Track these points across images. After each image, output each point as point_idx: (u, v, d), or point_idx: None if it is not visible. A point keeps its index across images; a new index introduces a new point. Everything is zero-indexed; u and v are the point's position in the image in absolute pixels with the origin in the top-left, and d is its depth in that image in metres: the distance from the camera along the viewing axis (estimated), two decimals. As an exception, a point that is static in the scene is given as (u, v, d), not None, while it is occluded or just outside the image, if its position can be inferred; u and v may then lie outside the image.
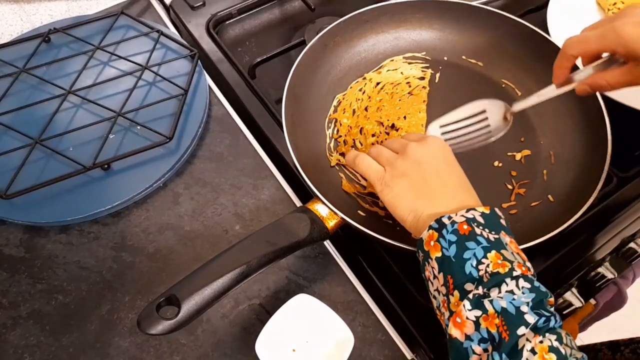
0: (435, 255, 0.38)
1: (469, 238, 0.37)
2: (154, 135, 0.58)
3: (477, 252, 0.37)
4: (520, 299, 0.34)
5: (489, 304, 0.34)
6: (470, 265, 0.36)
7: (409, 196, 0.43)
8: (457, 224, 0.38)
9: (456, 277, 0.37)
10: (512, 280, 0.35)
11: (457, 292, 0.36)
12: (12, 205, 0.53)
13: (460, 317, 0.35)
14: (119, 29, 0.68)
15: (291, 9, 0.77)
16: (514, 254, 0.37)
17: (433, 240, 0.39)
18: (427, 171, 0.43)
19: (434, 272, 0.39)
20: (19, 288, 0.52)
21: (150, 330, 0.37)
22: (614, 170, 0.58)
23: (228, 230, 0.55)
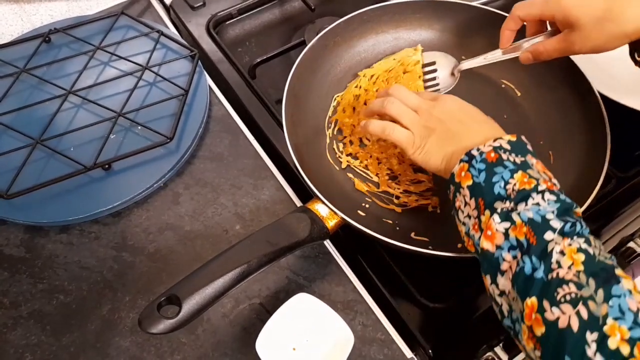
0: (466, 184, 0.41)
1: (496, 164, 0.40)
2: (155, 135, 0.58)
3: (504, 174, 0.39)
4: (546, 209, 0.36)
5: (517, 216, 0.36)
6: (499, 186, 0.39)
7: (438, 147, 0.45)
8: (485, 153, 0.40)
9: (486, 198, 0.39)
10: (537, 194, 0.37)
11: (487, 211, 0.39)
12: (13, 205, 0.54)
13: (491, 230, 0.38)
14: (119, 29, 0.68)
15: (291, 9, 0.77)
16: (540, 172, 0.40)
17: (464, 171, 0.41)
18: (450, 122, 0.45)
19: (465, 199, 0.41)
20: (20, 288, 0.52)
21: (151, 329, 0.37)
22: (613, 170, 0.58)
23: (228, 230, 0.55)
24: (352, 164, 0.58)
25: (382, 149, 0.58)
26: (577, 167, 0.55)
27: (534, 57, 0.51)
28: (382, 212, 0.55)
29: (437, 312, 0.50)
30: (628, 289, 0.32)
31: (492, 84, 0.63)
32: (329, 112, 0.61)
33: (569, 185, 0.54)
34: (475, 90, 0.62)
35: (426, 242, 0.51)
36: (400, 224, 0.54)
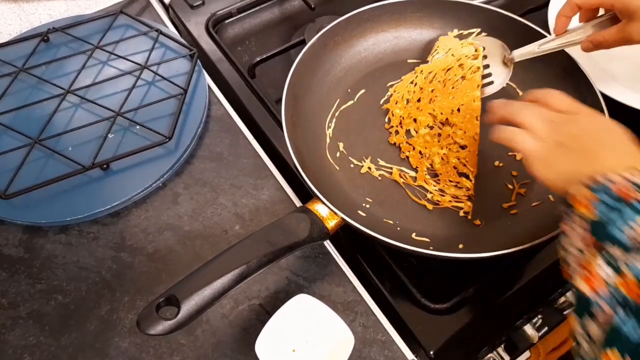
0: (580, 212, 0.35)
1: (623, 201, 0.34)
2: (153, 135, 0.58)
3: (628, 216, 0.33)
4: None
5: (626, 267, 0.31)
6: (619, 229, 0.33)
7: (565, 165, 0.40)
8: (613, 184, 0.35)
9: (600, 237, 0.34)
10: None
11: (595, 250, 0.34)
12: (11, 205, 0.53)
13: (591, 272, 0.33)
14: (118, 28, 0.68)
15: (291, 8, 0.77)
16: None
17: (582, 197, 0.36)
18: (585, 140, 0.40)
19: (574, 227, 0.36)
20: (19, 288, 0.51)
21: (150, 330, 0.37)
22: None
23: (228, 230, 0.55)
24: (374, 173, 0.57)
25: (427, 144, 0.58)
26: (579, 167, 0.55)
27: (594, 46, 0.50)
28: (382, 212, 0.54)
29: (438, 312, 0.50)
30: None
31: (493, 83, 0.63)
32: (329, 113, 0.61)
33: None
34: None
35: (427, 243, 0.51)
36: (401, 224, 0.53)
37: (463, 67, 0.59)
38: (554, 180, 0.40)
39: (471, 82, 0.58)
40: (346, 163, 0.58)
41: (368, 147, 0.59)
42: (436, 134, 0.58)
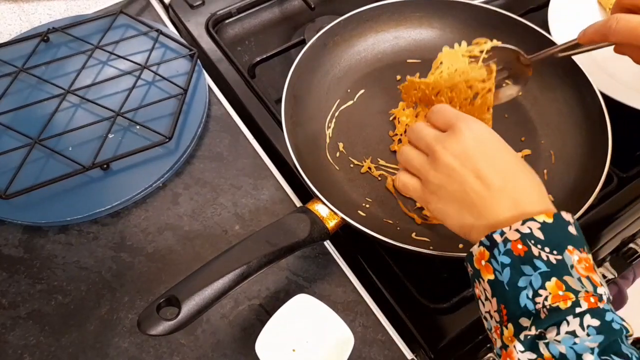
0: (487, 278, 0.33)
1: (524, 260, 0.31)
2: (153, 135, 0.58)
3: (533, 279, 0.31)
4: (584, 344, 0.29)
5: (545, 348, 0.29)
6: (526, 296, 0.31)
7: (453, 209, 0.37)
8: (510, 243, 0.32)
9: (510, 307, 0.32)
10: (574, 318, 0.29)
11: (511, 325, 0.31)
12: (11, 205, 0.53)
13: (511, 357, 0.31)
14: (118, 28, 0.68)
15: (291, 8, 0.77)
16: (582, 279, 0.31)
17: (484, 259, 0.34)
18: (463, 177, 0.36)
19: (485, 294, 0.34)
20: (18, 288, 0.51)
21: (151, 331, 0.37)
22: (614, 170, 0.58)
23: (228, 230, 0.55)
24: (375, 173, 0.57)
25: None
26: (579, 167, 0.55)
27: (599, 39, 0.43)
28: (382, 212, 0.54)
29: (438, 312, 0.50)
30: None
31: (492, 84, 0.63)
32: (329, 114, 0.61)
33: (570, 186, 0.54)
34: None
35: (427, 242, 0.51)
36: (401, 224, 0.53)
37: (472, 88, 0.54)
38: (452, 228, 0.38)
39: (481, 106, 0.53)
40: (346, 163, 0.58)
41: (368, 147, 0.59)
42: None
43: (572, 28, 0.68)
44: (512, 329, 0.31)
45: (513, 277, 0.32)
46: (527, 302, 0.31)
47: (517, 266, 0.32)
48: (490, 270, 0.33)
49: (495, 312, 0.33)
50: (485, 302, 0.34)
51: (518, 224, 0.33)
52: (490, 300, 0.33)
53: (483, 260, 0.34)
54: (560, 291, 0.30)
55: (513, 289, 0.32)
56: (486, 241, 0.34)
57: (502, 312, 0.32)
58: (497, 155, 0.37)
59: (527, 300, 0.31)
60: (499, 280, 0.32)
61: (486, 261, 0.33)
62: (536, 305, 0.31)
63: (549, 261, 0.31)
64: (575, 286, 0.31)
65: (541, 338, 0.30)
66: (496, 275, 0.33)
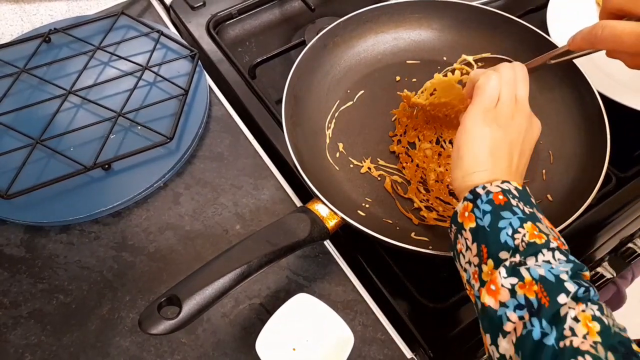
0: (469, 226, 0.37)
1: (504, 208, 0.36)
2: (155, 135, 0.58)
3: (513, 221, 0.36)
4: (559, 268, 0.33)
5: (526, 272, 0.33)
6: (506, 234, 0.35)
7: (487, 147, 0.40)
8: (492, 194, 0.37)
9: (491, 246, 0.36)
10: (548, 251, 0.34)
11: (491, 260, 0.35)
12: (13, 205, 0.54)
13: (495, 285, 0.34)
14: (119, 29, 0.68)
15: (291, 9, 0.77)
16: (548, 228, 0.37)
17: (467, 211, 0.38)
18: (517, 145, 0.42)
19: (467, 243, 0.37)
20: (20, 288, 0.52)
21: (152, 330, 0.37)
22: (613, 170, 0.58)
23: (228, 230, 0.55)
24: (374, 173, 0.57)
25: (425, 159, 0.57)
26: (577, 167, 0.55)
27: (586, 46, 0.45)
28: (382, 212, 0.55)
29: (437, 312, 0.50)
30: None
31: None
32: (329, 115, 0.61)
33: (568, 185, 0.54)
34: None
35: (426, 242, 0.52)
36: (400, 224, 0.54)
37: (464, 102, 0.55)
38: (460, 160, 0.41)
39: None
40: (346, 163, 0.58)
41: (368, 148, 0.59)
42: (437, 152, 0.58)
43: (571, 29, 0.69)
44: (492, 263, 0.35)
45: (494, 220, 0.36)
46: (507, 238, 0.35)
47: (498, 212, 0.36)
48: (472, 218, 0.37)
49: (474, 257, 0.37)
50: (465, 253, 0.38)
51: (498, 182, 0.38)
52: (470, 247, 0.37)
53: (466, 212, 0.38)
54: (535, 231, 0.35)
55: (494, 230, 0.36)
56: (470, 195, 0.38)
57: (483, 252, 0.36)
58: (531, 151, 0.45)
59: (507, 237, 0.35)
60: (480, 225, 0.37)
61: (469, 212, 0.38)
62: (515, 241, 0.35)
63: (524, 210, 0.37)
64: (545, 230, 0.36)
65: (521, 265, 0.34)
66: (477, 222, 0.37)
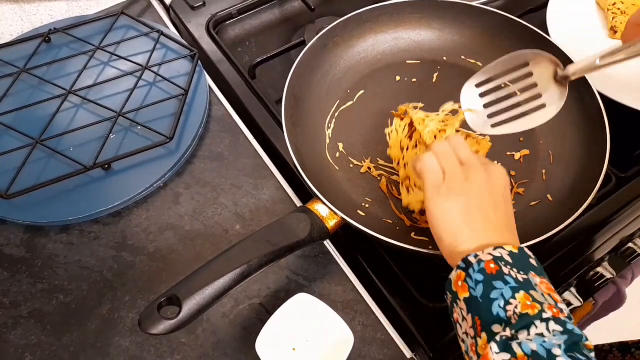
0: (463, 296, 0.37)
1: (496, 277, 0.36)
2: (155, 135, 0.58)
3: (504, 292, 0.35)
4: (552, 341, 0.32)
5: (518, 347, 0.32)
6: (498, 305, 0.35)
7: (458, 218, 0.40)
8: (483, 262, 0.36)
9: (483, 317, 0.35)
10: (542, 323, 0.33)
11: (484, 334, 0.34)
12: (13, 205, 0.54)
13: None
14: (119, 29, 0.68)
15: (291, 9, 0.77)
16: (545, 295, 0.35)
17: (461, 280, 0.37)
18: (485, 201, 0.40)
19: (462, 313, 0.37)
20: (20, 288, 0.52)
21: (152, 330, 0.37)
22: (613, 170, 0.58)
23: (228, 230, 0.55)
24: (374, 173, 0.57)
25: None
26: (577, 167, 0.55)
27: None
28: (382, 212, 0.55)
29: (437, 312, 0.50)
30: None
31: (492, 84, 0.63)
32: (330, 114, 0.62)
33: (569, 185, 0.55)
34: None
35: (426, 242, 0.52)
36: (400, 224, 0.54)
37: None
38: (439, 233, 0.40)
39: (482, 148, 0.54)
40: (346, 163, 0.58)
41: (368, 148, 0.59)
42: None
43: (571, 29, 0.69)
44: (486, 337, 0.34)
45: (486, 291, 0.35)
46: (499, 310, 0.34)
47: (490, 282, 0.36)
48: (465, 288, 0.37)
49: (470, 328, 0.36)
50: (462, 323, 0.37)
51: (490, 249, 0.37)
52: (466, 318, 0.37)
53: (460, 281, 0.37)
54: (528, 301, 0.34)
55: (486, 301, 0.35)
56: (462, 264, 0.38)
57: (477, 324, 0.35)
58: (508, 202, 0.42)
59: (499, 309, 0.34)
60: (474, 295, 0.36)
61: (462, 281, 0.37)
62: (507, 313, 0.34)
63: (517, 279, 0.35)
64: (540, 299, 0.35)
65: (513, 339, 0.33)
66: (471, 292, 0.36)
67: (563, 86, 0.44)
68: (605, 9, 0.72)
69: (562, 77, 0.44)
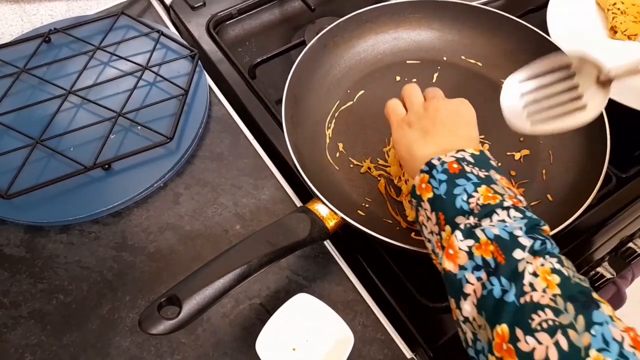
0: (427, 197, 0.39)
1: (458, 175, 0.37)
2: (155, 135, 0.58)
3: (467, 187, 0.37)
4: (513, 225, 0.34)
5: (481, 233, 0.34)
6: (461, 199, 0.36)
7: (413, 135, 0.44)
8: (446, 164, 0.38)
9: (447, 212, 0.37)
10: (503, 210, 0.35)
11: (448, 226, 0.36)
12: (13, 205, 0.54)
13: (453, 249, 0.35)
14: (119, 29, 0.68)
15: (291, 9, 0.77)
16: (505, 188, 0.37)
17: (424, 182, 0.39)
18: (440, 117, 0.43)
19: (426, 213, 0.39)
20: (20, 288, 0.52)
21: (152, 330, 0.37)
22: (613, 170, 0.58)
23: (228, 230, 0.55)
24: (374, 173, 0.57)
25: None
26: (577, 167, 0.55)
27: None
28: (382, 212, 0.55)
29: (437, 311, 0.50)
30: (609, 315, 0.29)
31: (491, 84, 0.63)
32: (330, 112, 0.62)
33: (568, 185, 0.55)
34: (474, 90, 0.62)
35: (426, 242, 0.52)
36: (400, 224, 0.54)
37: None
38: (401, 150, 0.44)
39: None
40: (346, 163, 0.58)
41: (368, 148, 0.59)
42: None
43: (571, 29, 0.69)
44: (450, 229, 0.36)
45: (449, 188, 0.37)
46: (462, 204, 0.36)
47: (453, 180, 0.38)
48: (429, 189, 0.39)
49: (435, 225, 0.38)
50: (427, 223, 0.39)
51: (452, 152, 0.40)
52: (430, 217, 0.38)
53: (423, 183, 0.39)
54: (489, 193, 0.36)
55: (449, 197, 0.37)
56: (425, 167, 0.40)
57: (440, 219, 0.37)
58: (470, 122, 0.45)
59: (462, 203, 0.36)
60: (437, 194, 0.38)
61: (426, 183, 0.39)
62: (470, 205, 0.36)
63: (479, 175, 0.38)
64: (500, 191, 0.37)
65: (476, 226, 0.34)
66: (434, 191, 0.38)
67: (605, 88, 0.43)
68: (605, 9, 0.72)
69: (604, 80, 0.43)
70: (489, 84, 0.64)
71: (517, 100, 0.45)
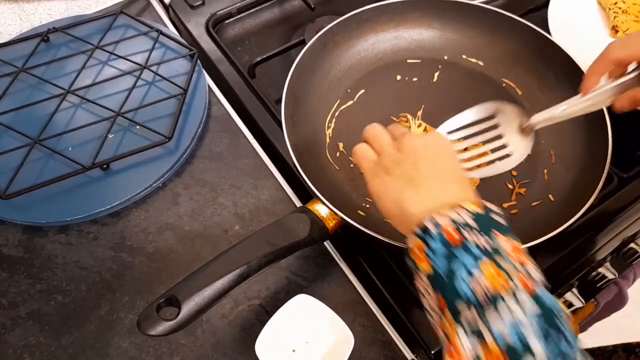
0: (426, 272, 0.34)
1: (459, 248, 0.33)
2: (153, 135, 0.58)
3: (468, 263, 0.32)
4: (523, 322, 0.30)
5: (487, 332, 0.30)
6: (463, 281, 0.32)
7: (397, 185, 0.38)
8: (442, 229, 0.34)
9: (448, 295, 0.33)
10: (510, 298, 0.31)
11: (449, 314, 0.32)
12: (11, 205, 0.53)
13: (455, 347, 0.31)
14: (118, 28, 0.68)
15: (291, 8, 0.77)
16: (512, 259, 0.33)
17: (420, 250, 0.35)
18: (421, 158, 0.39)
19: (425, 286, 0.35)
20: (18, 288, 0.51)
21: (150, 331, 0.37)
22: (614, 170, 0.58)
23: (228, 230, 0.55)
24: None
25: None
26: (579, 167, 0.55)
27: (634, 104, 0.44)
28: (382, 212, 0.54)
29: (437, 312, 0.50)
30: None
31: (492, 83, 0.63)
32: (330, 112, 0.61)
33: (570, 185, 0.54)
34: (475, 90, 0.62)
35: (426, 243, 0.51)
36: (401, 224, 0.53)
37: None
38: (385, 206, 0.40)
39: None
40: (346, 163, 0.58)
41: (368, 147, 0.59)
42: None
43: (572, 28, 0.69)
44: (451, 318, 0.32)
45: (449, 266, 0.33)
46: (464, 287, 0.32)
47: (452, 254, 0.33)
48: (427, 262, 0.34)
49: (435, 305, 0.34)
50: (427, 297, 0.35)
51: (447, 209, 0.35)
52: (430, 293, 0.34)
53: (419, 251, 0.35)
54: (493, 269, 0.32)
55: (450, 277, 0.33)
56: (419, 231, 0.35)
57: (441, 301, 0.33)
58: (450, 157, 0.41)
59: (464, 285, 0.32)
60: (437, 272, 0.34)
61: (422, 252, 0.35)
62: (472, 288, 0.32)
63: (483, 247, 0.33)
64: (506, 266, 0.32)
65: (481, 319, 0.30)
66: (434, 268, 0.34)
67: (528, 135, 0.46)
68: (606, 8, 0.72)
69: (527, 127, 0.46)
70: (490, 83, 0.63)
71: None
